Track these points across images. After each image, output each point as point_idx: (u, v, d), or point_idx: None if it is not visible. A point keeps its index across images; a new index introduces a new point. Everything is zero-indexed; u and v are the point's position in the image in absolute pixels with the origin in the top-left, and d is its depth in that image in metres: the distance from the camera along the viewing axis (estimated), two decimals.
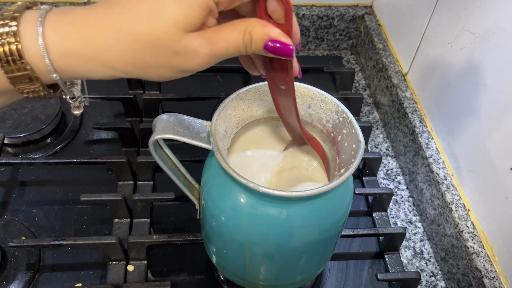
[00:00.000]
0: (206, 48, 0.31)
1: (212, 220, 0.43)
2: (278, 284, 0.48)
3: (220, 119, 0.43)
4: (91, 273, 0.57)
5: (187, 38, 0.30)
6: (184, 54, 0.31)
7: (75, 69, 0.31)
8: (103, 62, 0.31)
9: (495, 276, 0.53)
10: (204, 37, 0.31)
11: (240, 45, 0.32)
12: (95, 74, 0.32)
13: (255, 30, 0.31)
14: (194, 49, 0.31)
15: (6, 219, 0.61)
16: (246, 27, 0.32)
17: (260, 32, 0.32)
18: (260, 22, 0.32)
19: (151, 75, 0.33)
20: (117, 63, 0.31)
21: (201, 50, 0.31)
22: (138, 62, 0.31)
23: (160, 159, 0.44)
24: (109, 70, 0.32)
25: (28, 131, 0.68)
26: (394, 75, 0.75)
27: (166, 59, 0.31)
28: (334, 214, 0.43)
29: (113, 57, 0.31)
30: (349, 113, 0.44)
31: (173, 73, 0.33)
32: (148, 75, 0.33)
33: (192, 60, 0.31)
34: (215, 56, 0.32)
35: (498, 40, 0.52)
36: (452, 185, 0.61)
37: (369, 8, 0.89)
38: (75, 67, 0.31)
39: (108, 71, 0.32)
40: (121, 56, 0.31)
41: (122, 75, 0.32)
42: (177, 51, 0.31)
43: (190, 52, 0.31)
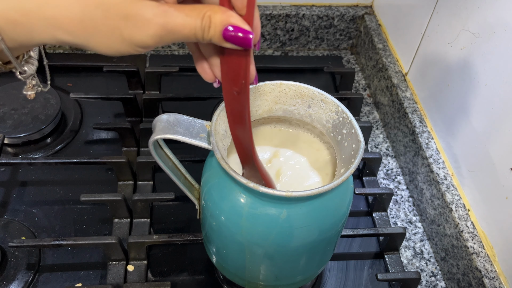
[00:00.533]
0: (160, 19, 0.29)
1: (212, 220, 0.43)
2: (278, 284, 0.48)
3: (220, 119, 0.43)
4: (91, 273, 0.57)
5: (141, 4, 0.29)
6: (135, 21, 0.29)
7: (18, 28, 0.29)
8: (47, 18, 0.29)
9: (495, 276, 0.53)
10: (159, 8, 0.29)
11: (197, 27, 0.30)
12: (39, 35, 0.30)
13: (215, 15, 0.30)
14: (147, 16, 0.29)
15: (6, 219, 0.61)
16: (206, 11, 0.30)
17: (220, 18, 0.30)
18: (222, 8, 0.30)
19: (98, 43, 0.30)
20: (62, 20, 0.29)
21: (154, 20, 0.29)
22: (84, 21, 0.29)
23: (160, 159, 0.44)
24: (53, 29, 0.29)
25: (28, 131, 0.68)
26: (394, 75, 0.75)
27: (115, 23, 0.29)
28: (334, 214, 0.43)
29: (58, 13, 0.29)
30: (349, 113, 0.44)
31: (122, 44, 0.30)
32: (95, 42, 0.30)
33: (143, 29, 0.29)
34: (169, 31, 0.30)
35: (498, 40, 0.52)
36: (452, 185, 0.61)
37: (369, 8, 0.89)
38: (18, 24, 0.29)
39: (52, 31, 0.30)
40: (66, 11, 0.29)
41: (67, 37, 0.30)
42: (127, 14, 0.29)
43: (141, 19, 0.29)
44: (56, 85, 0.78)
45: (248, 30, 0.31)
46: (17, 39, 0.30)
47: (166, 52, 0.87)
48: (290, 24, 0.86)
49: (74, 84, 0.79)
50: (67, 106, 0.75)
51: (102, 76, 0.79)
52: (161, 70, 0.76)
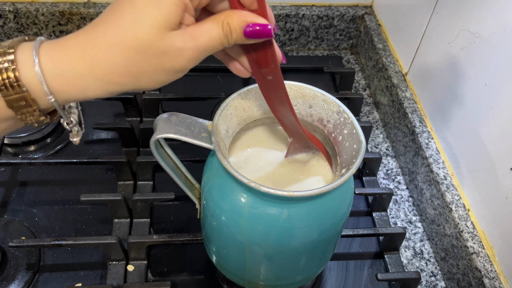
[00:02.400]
0: (190, 43, 0.32)
1: (212, 220, 0.43)
2: (278, 284, 0.48)
3: (222, 118, 0.43)
4: (91, 273, 0.57)
5: (170, 36, 0.31)
6: (171, 53, 0.32)
7: (70, 89, 0.32)
8: (97, 76, 0.32)
9: (495, 276, 0.53)
10: (186, 34, 0.32)
11: (221, 36, 0.33)
12: (91, 92, 0.33)
13: (232, 20, 0.33)
14: (179, 46, 0.32)
15: (6, 219, 0.61)
16: (224, 19, 0.33)
17: (237, 20, 0.33)
18: (235, 11, 0.33)
19: (145, 82, 0.33)
20: (110, 74, 0.32)
21: (186, 46, 0.32)
22: (130, 70, 0.32)
23: (161, 159, 0.44)
24: (104, 84, 0.32)
25: (28, 131, 0.68)
26: (394, 75, 0.75)
27: (156, 61, 0.32)
28: (335, 214, 0.43)
29: (105, 69, 0.32)
30: (350, 114, 0.44)
31: (165, 75, 0.34)
32: (143, 82, 0.33)
33: (180, 57, 0.32)
34: (201, 51, 0.33)
35: (498, 40, 0.52)
36: (452, 185, 0.61)
37: (369, 8, 0.89)
38: (70, 87, 0.32)
39: (103, 86, 0.33)
40: (114, 67, 0.32)
41: (117, 88, 0.33)
42: (163, 50, 0.32)
43: (176, 49, 0.32)
44: None
45: (265, 22, 0.33)
46: (70, 98, 0.33)
47: None
48: (290, 24, 0.86)
49: None
50: None
51: None
52: None
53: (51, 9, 0.81)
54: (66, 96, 0.33)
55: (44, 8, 0.81)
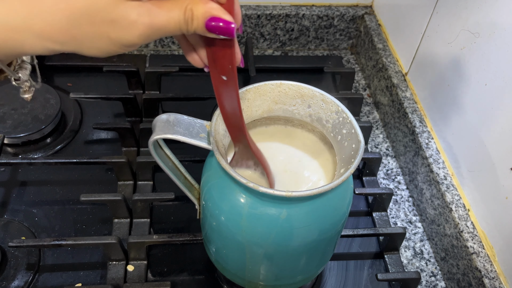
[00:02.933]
0: (145, 18, 0.30)
1: (212, 220, 0.43)
2: (278, 284, 0.48)
3: (220, 119, 0.43)
4: (91, 273, 0.57)
5: (125, 6, 0.29)
6: (121, 23, 0.30)
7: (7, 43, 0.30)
8: (35, 32, 0.30)
9: (495, 276, 0.53)
10: (143, 7, 0.30)
11: (181, 21, 0.31)
12: (30, 47, 0.31)
13: (196, 7, 0.31)
14: (132, 18, 0.30)
15: (6, 219, 0.61)
16: (188, 4, 0.31)
17: (202, 9, 0.31)
18: (202, 0, 0.31)
19: (88, 47, 0.31)
20: (50, 31, 0.30)
21: (140, 20, 0.30)
22: (73, 31, 0.30)
23: (160, 159, 0.44)
24: (43, 41, 0.30)
25: (28, 131, 0.68)
26: (394, 75, 0.75)
27: (102, 29, 0.30)
28: (334, 214, 0.43)
29: (46, 25, 0.29)
30: (349, 113, 0.44)
31: (111, 46, 0.31)
32: (85, 47, 0.31)
33: (130, 30, 0.30)
34: (155, 29, 0.31)
35: (498, 40, 0.52)
36: (452, 185, 0.61)
37: (369, 8, 0.89)
38: (8, 40, 0.30)
39: (42, 43, 0.30)
40: (55, 24, 0.29)
41: (57, 46, 0.31)
42: (113, 19, 0.29)
43: (127, 21, 0.30)
44: (56, 85, 0.78)
45: (230, 20, 0.31)
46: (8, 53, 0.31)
47: (166, 52, 0.87)
48: (290, 24, 0.86)
49: (74, 84, 0.79)
50: (67, 106, 0.75)
51: (102, 76, 0.79)
52: (161, 70, 0.76)
53: None
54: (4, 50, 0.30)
55: None
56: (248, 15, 0.84)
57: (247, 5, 0.85)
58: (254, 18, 0.84)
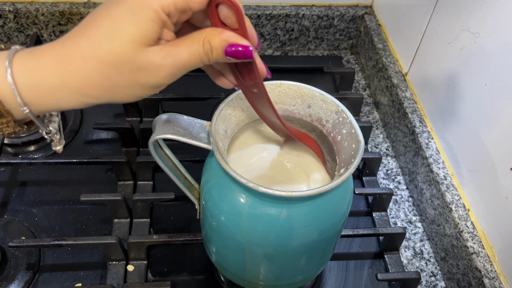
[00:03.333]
0: (167, 60, 0.32)
1: (212, 220, 0.43)
2: (278, 284, 0.48)
3: (220, 119, 0.43)
4: (91, 273, 0.57)
5: (147, 52, 0.31)
6: (148, 69, 0.32)
7: (45, 101, 0.32)
8: (71, 89, 0.31)
9: (495, 276, 0.53)
10: (164, 50, 0.32)
11: (201, 54, 0.33)
12: (66, 103, 0.33)
13: (213, 38, 0.33)
14: (156, 62, 0.31)
15: (6, 219, 0.61)
16: (204, 37, 0.33)
17: (219, 39, 0.33)
18: (217, 30, 0.33)
19: (121, 96, 0.33)
20: (85, 88, 0.32)
21: (164, 62, 0.32)
22: (105, 84, 0.32)
23: (160, 159, 0.44)
24: (78, 97, 0.32)
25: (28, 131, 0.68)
26: (394, 75, 0.75)
27: (131, 77, 0.32)
28: (334, 214, 0.43)
29: (80, 82, 0.31)
30: (348, 113, 0.44)
31: (141, 91, 0.33)
32: (118, 96, 0.33)
33: (157, 73, 0.32)
34: (179, 68, 0.33)
35: (498, 40, 0.52)
36: (452, 185, 0.61)
37: (369, 8, 0.89)
38: (45, 98, 0.32)
39: (78, 98, 0.32)
40: (88, 80, 0.31)
41: (92, 100, 0.33)
42: (139, 66, 0.31)
43: (153, 66, 0.32)
44: None
45: (246, 44, 0.33)
46: (45, 109, 0.33)
47: None
48: (290, 24, 0.86)
49: None
50: None
51: None
52: None
53: (51, 9, 0.81)
54: (40, 107, 0.32)
55: (44, 8, 0.81)
56: (248, 15, 0.84)
57: (247, 5, 0.85)
58: (254, 18, 0.84)
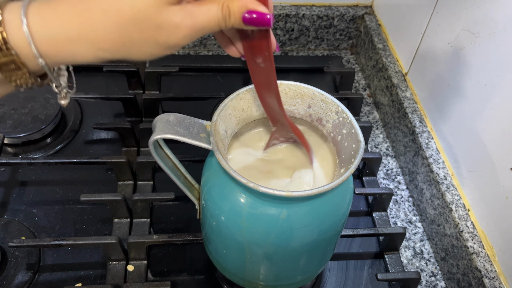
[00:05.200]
0: (188, 21, 0.32)
1: (212, 220, 0.43)
2: (278, 284, 0.48)
3: (220, 119, 0.43)
4: (91, 273, 0.57)
5: (169, 11, 0.31)
6: (167, 28, 0.31)
7: (60, 53, 0.31)
8: (88, 42, 0.31)
9: (495, 276, 0.53)
10: (185, 10, 0.32)
11: (219, 18, 0.33)
12: (81, 56, 0.32)
13: (232, 3, 0.32)
14: (176, 22, 0.31)
15: (6, 219, 0.61)
16: (224, 1, 0.32)
17: (238, 4, 0.32)
18: None
19: (136, 53, 0.33)
20: (102, 42, 0.31)
21: (183, 23, 0.32)
22: (123, 39, 0.31)
23: (160, 159, 0.44)
24: (95, 50, 0.32)
25: (28, 131, 0.68)
26: (394, 75, 0.75)
27: (149, 34, 0.31)
28: (334, 214, 0.43)
29: (98, 36, 0.31)
30: (349, 113, 0.44)
31: (158, 49, 0.33)
32: (134, 53, 0.33)
33: (175, 33, 0.32)
34: (197, 29, 0.33)
35: (498, 40, 0.52)
36: (452, 185, 0.61)
37: (369, 8, 0.89)
38: (61, 50, 0.31)
39: (94, 52, 0.32)
40: (106, 34, 0.31)
41: (107, 54, 0.32)
42: (159, 24, 0.31)
43: (172, 25, 0.31)
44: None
45: (265, 11, 0.33)
46: (60, 62, 0.33)
47: None
48: (290, 24, 0.86)
49: None
50: (67, 106, 0.75)
51: (102, 76, 0.79)
52: (161, 70, 0.76)
53: None
54: (56, 59, 0.32)
55: None
56: None
57: None
58: None
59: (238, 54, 0.40)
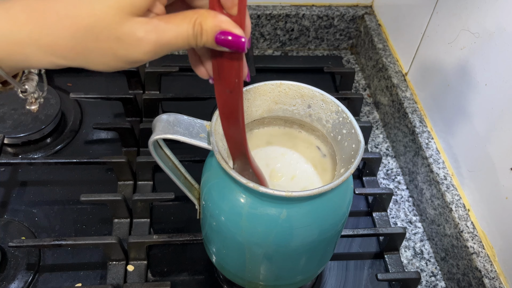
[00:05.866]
0: (152, 35, 0.29)
1: (212, 220, 0.43)
2: (278, 284, 0.48)
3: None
4: (91, 273, 0.57)
5: (131, 23, 0.28)
6: (128, 41, 0.29)
7: (12, 56, 0.30)
8: (41, 47, 0.29)
9: (495, 276, 0.53)
10: (150, 24, 0.29)
11: (190, 36, 0.30)
12: (36, 61, 0.30)
13: (206, 21, 0.30)
14: (139, 35, 0.29)
15: (6, 219, 0.61)
16: (197, 18, 0.30)
17: (212, 23, 0.30)
18: (211, 13, 0.30)
19: (94, 63, 0.30)
20: (56, 48, 0.29)
21: (147, 37, 0.29)
22: (77, 47, 0.29)
23: (160, 159, 0.44)
24: (48, 56, 0.30)
25: (28, 131, 0.68)
26: (394, 75, 0.75)
27: (107, 45, 0.29)
28: (334, 214, 0.43)
29: (50, 41, 0.29)
30: (349, 113, 0.44)
31: (117, 62, 0.30)
32: (90, 63, 0.30)
33: (137, 48, 0.29)
34: (162, 46, 0.30)
35: (498, 40, 0.52)
36: (452, 185, 0.61)
37: (369, 8, 0.89)
38: (11, 53, 0.29)
39: (48, 58, 0.30)
40: (60, 40, 0.29)
41: (63, 61, 0.30)
42: (119, 36, 0.29)
43: (134, 39, 0.29)
44: (56, 85, 0.78)
45: (240, 34, 0.30)
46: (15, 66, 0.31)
47: None
48: (290, 24, 0.86)
49: (74, 84, 0.79)
50: (67, 106, 0.75)
51: (102, 76, 0.79)
52: (161, 70, 0.76)
53: None
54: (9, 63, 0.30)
55: None
56: None
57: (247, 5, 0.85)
58: (254, 18, 0.84)
59: (207, 75, 0.37)
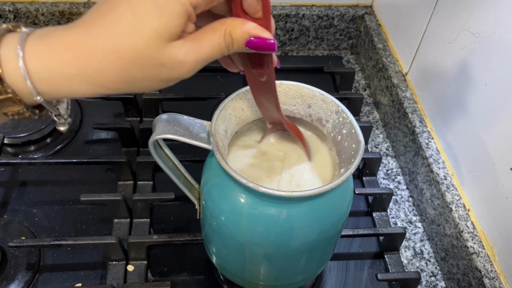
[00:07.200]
0: (191, 56, 0.31)
1: (212, 220, 0.43)
2: (278, 284, 0.48)
3: (220, 119, 0.43)
4: (91, 273, 0.57)
5: (170, 48, 0.30)
6: (170, 65, 0.31)
7: (59, 90, 0.31)
8: (88, 81, 0.30)
9: (495, 276, 0.53)
10: (186, 45, 0.31)
11: (222, 47, 0.32)
12: (81, 93, 0.31)
13: (234, 30, 0.32)
14: (179, 58, 0.31)
15: (6, 219, 0.61)
16: (225, 28, 0.32)
17: (240, 31, 0.32)
18: (238, 21, 0.32)
19: (139, 88, 0.32)
20: (103, 81, 0.31)
21: (187, 59, 0.31)
22: (125, 79, 0.31)
23: (160, 159, 0.44)
24: (95, 88, 0.31)
25: (28, 131, 0.68)
26: (394, 75, 0.75)
27: (152, 72, 0.31)
28: (334, 214, 0.43)
29: (98, 76, 0.30)
30: (349, 113, 0.44)
31: (160, 84, 0.32)
32: (136, 89, 0.32)
33: (179, 69, 0.31)
34: (201, 62, 0.32)
35: (498, 40, 0.52)
36: (452, 185, 0.61)
37: (369, 8, 0.89)
38: (59, 88, 0.31)
39: (94, 89, 0.31)
40: (107, 74, 0.30)
41: (109, 91, 0.32)
42: (162, 63, 0.30)
43: (175, 62, 0.31)
44: None
45: (268, 37, 0.32)
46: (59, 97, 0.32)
47: None
48: (290, 24, 0.86)
49: None
50: None
51: None
52: None
53: (51, 9, 0.81)
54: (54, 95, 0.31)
55: (44, 8, 0.81)
56: None
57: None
58: None
59: (236, 69, 0.39)
